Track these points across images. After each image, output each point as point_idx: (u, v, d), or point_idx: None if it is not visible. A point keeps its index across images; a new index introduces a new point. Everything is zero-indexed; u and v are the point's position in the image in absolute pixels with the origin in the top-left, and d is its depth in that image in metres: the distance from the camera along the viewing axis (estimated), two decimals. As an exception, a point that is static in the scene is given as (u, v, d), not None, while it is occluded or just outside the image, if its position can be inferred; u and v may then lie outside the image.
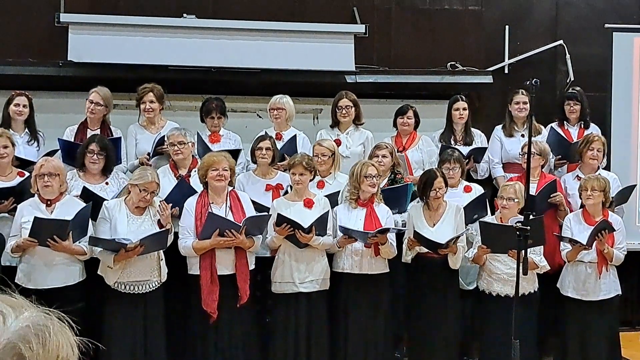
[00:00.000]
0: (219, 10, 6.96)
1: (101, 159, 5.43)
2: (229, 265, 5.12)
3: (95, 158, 5.41)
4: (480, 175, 6.47)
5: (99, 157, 5.42)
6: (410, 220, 5.48)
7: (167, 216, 5.04)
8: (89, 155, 5.41)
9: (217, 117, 6.05)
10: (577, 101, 6.58)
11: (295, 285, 5.28)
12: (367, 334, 5.37)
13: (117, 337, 4.98)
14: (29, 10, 6.78)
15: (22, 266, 4.97)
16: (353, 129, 6.25)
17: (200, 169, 5.19)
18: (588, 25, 7.42)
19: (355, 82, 6.89)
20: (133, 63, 6.46)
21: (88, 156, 5.42)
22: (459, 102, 6.42)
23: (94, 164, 5.42)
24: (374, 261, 5.36)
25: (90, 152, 5.41)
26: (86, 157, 5.42)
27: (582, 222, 5.55)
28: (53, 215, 4.91)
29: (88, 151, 5.41)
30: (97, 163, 5.43)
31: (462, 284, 5.66)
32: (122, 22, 6.55)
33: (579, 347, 5.50)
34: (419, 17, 7.32)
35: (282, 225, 5.14)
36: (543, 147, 6.02)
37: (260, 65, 6.70)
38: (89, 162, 5.42)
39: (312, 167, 5.36)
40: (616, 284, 5.56)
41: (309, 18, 6.94)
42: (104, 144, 5.47)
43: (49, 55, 6.67)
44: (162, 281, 5.08)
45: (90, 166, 5.43)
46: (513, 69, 7.36)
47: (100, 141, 5.48)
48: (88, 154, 5.41)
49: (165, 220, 5.03)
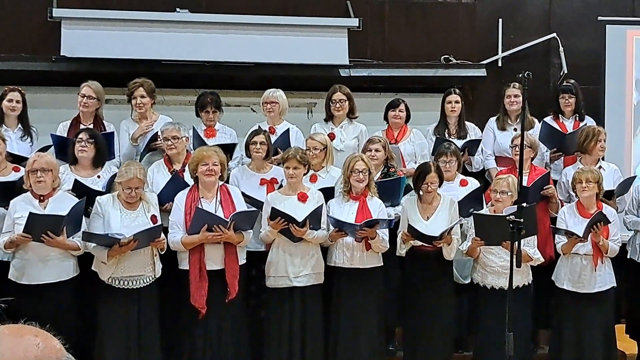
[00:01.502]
0: (212, 5, 6.94)
1: (90, 147, 5.37)
2: (218, 261, 5.11)
3: (84, 145, 5.35)
4: (475, 168, 6.47)
5: (88, 145, 5.35)
6: (404, 213, 5.48)
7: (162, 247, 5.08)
8: (78, 144, 5.36)
9: (212, 111, 6.04)
10: (572, 94, 6.58)
11: (289, 280, 5.27)
12: (361, 327, 5.38)
13: (111, 332, 4.99)
14: (22, 6, 6.76)
15: (15, 262, 4.96)
16: (347, 123, 6.24)
17: (190, 163, 5.18)
18: (581, 18, 7.43)
19: (349, 75, 6.90)
20: (126, 58, 6.45)
21: (77, 146, 5.36)
22: (451, 95, 6.43)
23: (83, 152, 5.36)
24: (366, 255, 5.36)
25: (79, 140, 5.37)
26: (75, 147, 5.38)
27: (577, 214, 5.54)
28: (46, 210, 4.90)
29: (77, 140, 5.38)
30: (86, 151, 5.36)
31: (458, 278, 5.66)
32: (115, 16, 6.54)
33: (574, 339, 5.49)
34: (412, 11, 7.32)
35: (276, 219, 5.14)
36: (533, 139, 6.03)
37: (254, 60, 6.69)
38: (79, 152, 5.37)
39: (306, 161, 5.36)
40: (611, 276, 5.55)
41: (303, 12, 6.94)
42: (93, 133, 5.45)
43: (41, 50, 6.66)
44: (156, 276, 5.07)
45: (80, 155, 5.37)
46: (507, 62, 7.37)
47: (89, 130, 5.47)
48: (77, 143, 5.37)
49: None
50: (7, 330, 1.28)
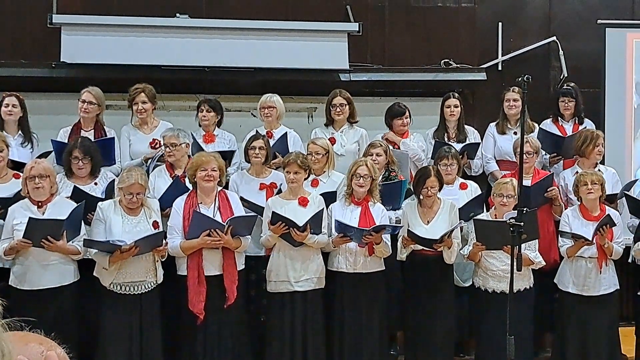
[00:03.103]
0: (212, 10, 6.94)
1: (87, 164, 5.39)
2: (216, 266, 5.11)
3: (80, 164, 5.37)
4: (474, 172, 6.47)
5: (84, 163, 5.38)
6: (405, 217, 5.48)
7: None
8: (74, 162, 5.37)
9: (206, 110, 6.03)
10: (572, 98, 6.59)
11: (290, 284, 5.27)
12: (363, 331, 5.37)
13: (113, 338, 4.98)
14: (21, 12, 6.76)
15: (15, 268, 4.96)
16: (347, 127, 6.25)
17: (189, 169, 5.18)
18: (581, 22, 7.42)
19: (349, 80, 6.90)
20: (126, 63, 6.44)
21: (73, 163, 5.38)
22: (450, 99, 6.44)
23: (80, 169, 5.39)
24: (368, 260, 5.35)
25: (75, 159, 5.37)
26: (72, 164, 5.39)
27: (580, 217, 5.52)
28: (45, 216, 4.89)
29: (72, 158, 5.37)
30: (83, 168, 5.39)
31: (458, 281, 5.67)
32: (114, 22, 6.54)
33: (578, 342, 5.48)
34: (412, 15, 7.31)
35: (276, 224, 5.13)
36: (537, 144, 6.02)
37: (254, 65, 6.70)
38: (76, 169, 5.39)
39: (307, 165, 5.36)
40: (615, 278, 5.55)
41: (303, 17, 6.93)
42: (87, 149, 5.41)
43: (41, 56, 6.66)
44: (158, 282, 5.07)
45: (78, 172, 5.39)
46: (507, 66, 7.35)
47: (82, 146, 5.41)
48: (73, 161, 5.37)
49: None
50: (12, 338, 1.27)
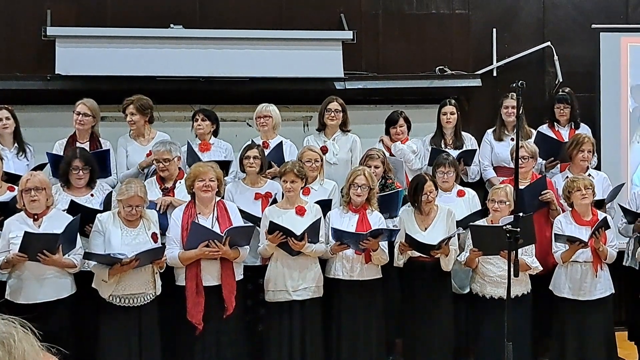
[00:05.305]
0: (206, 20, 6.95)
1: (86, 174, 5.39)
2: (215, 276, 5.09)
3: (80, 174, 5.36)
4: (470, 179, 6.48)
5: (84, 173, 5.38)
6: (402, 224, 5.47)
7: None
8: (74, 172, 5.35)
9: (201, 119, 6.05)
10: (567, 104, 6.61)
11: (288, 294, 5.26)
12: (361, 339, 5.36)
13: (111, 351, 4.95)
14: (15, 24, 6.77)
15: (11, 282, 4.93)
16: (340, 135, 6.24)
17: (187, 179, 5.17)
18: (575, 26, 7.45)
19: (344, 88, 6.91)
20: (121, 75, 6.45)
21: (73, 173, 5.36)
22: (446, 106, 6.46)
23: (80, 179, 5.38)
24: (365, 267, 5.35)
25: (75, 168, 5.35)
26: (71, 174, 5.36)
27: (573, 222, 5.53)
28: (41, 229, 4.87)
29: (72, 168, 5.36)
30: (82, 179, 5.38)
31: (456, 289, 5.65)
32: (109, 34, 6.55)
33: (576, 347, 5.48)
34: (406, 22, 7.33)
35: (274, 233, 5.13)
36: (534, 149, 6.03)
37: (248, 74, 6.70)
38: (75, 179, 5.37)
39: (304, 174, 5.36)
40: (610, 282, 5.55)
41: (297, 25, 6.95)
42: (87, 158, 5.42)
43: (36, 69, 6.66)
44: (156, 294, 5.05)
45: (77, 182, 5.38)
46: (501, 72, 7.37)
47: (82, 156, 5.42)
48: (73, 171, 5.35)
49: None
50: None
